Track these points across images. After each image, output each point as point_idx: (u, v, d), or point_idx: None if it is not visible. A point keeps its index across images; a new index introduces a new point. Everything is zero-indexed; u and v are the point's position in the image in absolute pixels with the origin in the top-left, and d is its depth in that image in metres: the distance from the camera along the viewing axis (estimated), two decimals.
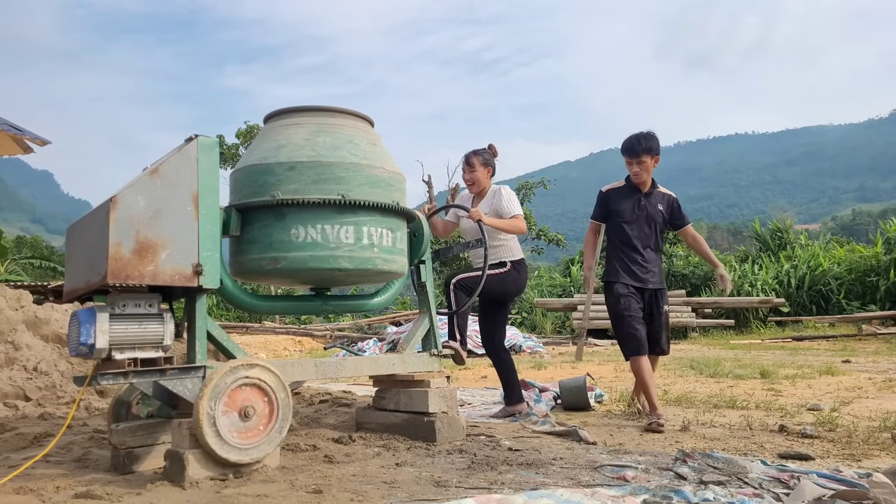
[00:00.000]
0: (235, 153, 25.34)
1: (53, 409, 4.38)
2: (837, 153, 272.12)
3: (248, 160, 3.22)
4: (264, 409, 2.71)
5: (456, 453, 3.14)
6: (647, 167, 4.22)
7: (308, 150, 3.12)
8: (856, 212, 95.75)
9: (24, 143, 8.86)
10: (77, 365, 5.01)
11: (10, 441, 3.44)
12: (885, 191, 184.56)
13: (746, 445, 3.29)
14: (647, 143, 4.20)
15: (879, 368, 6.89)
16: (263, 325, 16.61)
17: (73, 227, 2.87)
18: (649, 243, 4.29)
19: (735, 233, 61.20)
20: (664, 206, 4.34)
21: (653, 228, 4.28)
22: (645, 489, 2.40)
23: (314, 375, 3.26)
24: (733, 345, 11.22)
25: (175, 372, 2.66)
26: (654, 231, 4.29)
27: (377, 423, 3.66)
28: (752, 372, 6.55)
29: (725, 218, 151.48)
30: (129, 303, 2.61)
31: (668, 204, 4.37)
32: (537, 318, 18.05)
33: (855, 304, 15.08)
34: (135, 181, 2.60)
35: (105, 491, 2.40)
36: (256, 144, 3.29)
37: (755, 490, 2.36)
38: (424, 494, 2.38)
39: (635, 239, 4.25)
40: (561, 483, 2.56)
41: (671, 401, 4.87)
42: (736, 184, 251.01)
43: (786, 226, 20.52)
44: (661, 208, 4.32)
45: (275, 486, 2.49)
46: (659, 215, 4.31)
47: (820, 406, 4.33)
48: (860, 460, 2.93)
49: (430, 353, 3.65)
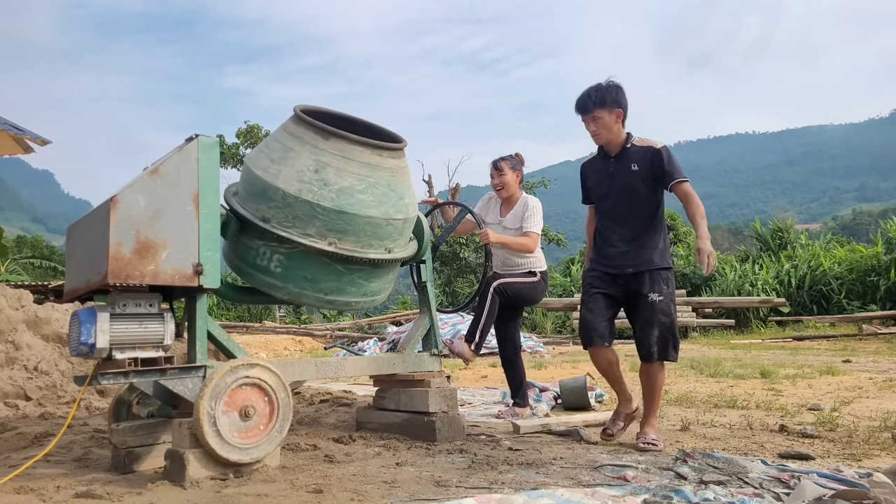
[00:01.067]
0: (236, 153, 25.36)
1: (54, 409, 4.38)
2: (838, 153, 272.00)
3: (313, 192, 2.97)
4: (265, 408, 2.71)
5: (456, 453, 3.14)
6: (605, 124, 3.42)
7: (374, 210, 3.07)
8: (856, 211, 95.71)
9: (24, 142, 8.86)
10: (77, 364, 5.01)
11: (11, 440, 3.44)
12: (885, 191, 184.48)
13: (747, 445, 3.29)
14: (601, 95, 3.40)
15: (880, 368, 6.89)
16: (264, 325, 16.62)
17: (73, 227, 2.87)
18: (626, 217, 3.47)
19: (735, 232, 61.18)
20: (641, 164, 3.41)
21: (629, 197, 3.45)
22: (645, 489, 2.40)
23: (314, 375, 3.26)
24: (734, 344, 11.22)
25: (175, 371, 2.66)
26: (630, 201, 3.45)
27: (377, 423, 3.66)
28: (752, 372, 6.54)
29: (726, 218, 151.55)
30: (130, 302, 2.61)
31: (644, 159, 3.41)
32: (538, 318, 18.05)
33: (855, 304, 15.06)
34: (135, 181, 2.60)
35: (105, 490, 2.40)
36: (317, 166, 3.00)
37: (755, 490, 2.36)
38: (425, 494, 2.38)
39: (608, 215, 3.55)
40: (561, 483, 2.56)
41: (671, 401, 4.87)
42: (736, 183, 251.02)
43: (786, 225, 20.50)
44: (637, 167, 3.42)
45: (275, 486, 2.49)
46: (634, 178, 3.42)
47: (820, 406, 4.33)
48: (860, 460, 2.93)
49: (430, 353, 3.65)
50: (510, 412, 4.33)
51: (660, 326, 3.35)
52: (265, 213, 3.01)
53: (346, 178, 3.00)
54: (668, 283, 3.41)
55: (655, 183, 3.40)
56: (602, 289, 3.49)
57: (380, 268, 3.26)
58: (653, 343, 3.34)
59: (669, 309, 3.37)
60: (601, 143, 3.52)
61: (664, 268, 3.42)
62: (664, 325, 3.35)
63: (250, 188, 3.10)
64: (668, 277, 3.43)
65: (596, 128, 3.45)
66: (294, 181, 2.97)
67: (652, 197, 3.43)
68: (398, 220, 3.20)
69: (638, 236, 3.43)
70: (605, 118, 3.41)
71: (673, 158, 3.39)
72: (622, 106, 3.42)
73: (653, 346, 3.35)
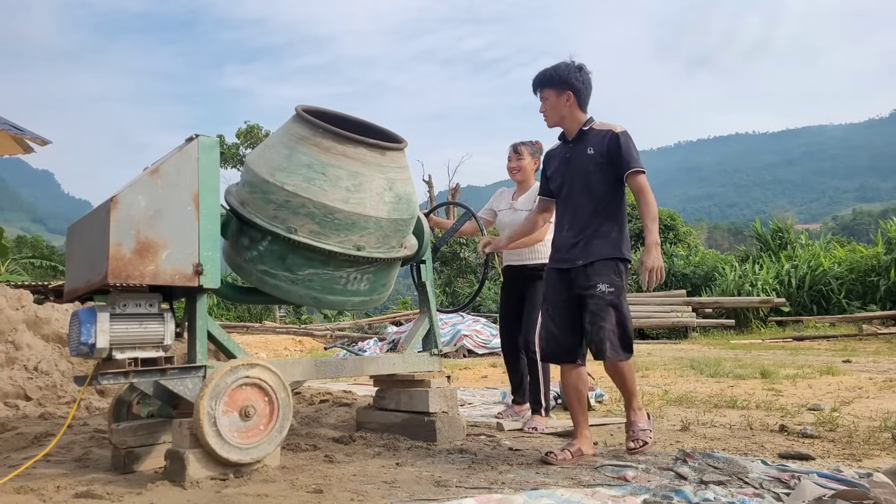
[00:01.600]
0: (236, 153, 25.36)
1: (54, 409, 4.38)
2: (838, 153, 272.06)
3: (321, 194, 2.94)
4: (265, 408, 2.71)
5: (456, 453, 3.14)
6: (552, 105, 3.20)
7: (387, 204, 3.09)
8: (856, 211, 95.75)
9: (24, 142, 8.86)
10: (78, 364, 5.01)
11: (11, 440, 3.44)
12: (885, 191, 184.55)
13: (747, 445, 3.29)
14: (548, 74, 3.20)
15: (880, 368, 6.88)
16: (264, 325, 16.61)
17: (73, 227, 2.87)
18: (579, 204, 3.19)
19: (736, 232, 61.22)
20: (597, 148, 3.14)
21: (582, 183, 3.18)
22: (645, 489, 2.40)
23: (315, 375, 3.26)
24: (734, 345, 11.22)
25: (175, 372, 2.66)
26: (584, 187, 3.17)
27: (378, 423, 3.66)
28: (752, 372, 6.54)
29: (726, 218, 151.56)
30: (130, 302, 2.61)
31: (601, 143, 3.14)
32: None
33: (855, 304, 15.06)
34: (135, 181, 2.60)
35: (105, 490, 2.40)
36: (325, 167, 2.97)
37: (756, 490, 2.36)
38: (425, 494, 2.38)
39: (563, 203, 3.29)
40: (561, 483, 2.56)
41: (672, 401, 4.87)
42: (736, 183, 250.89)
43: (786, 225, 20.50)
44: (592, 151, 3.15)
45: (275, 486, 2.50)
46: (589, 162, 3.15)
47: (820, 406, 4.33)
48: (861, 460, 2.93)
49: (430, 353, 3.65)
50: (511, 412, 4.33)
51: (610, 321, 3.03)
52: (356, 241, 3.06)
53: (346, 178, 2.99)
54: (621, 276, 3.11)
55: (612, 168, 3.12)
56: (562, 293, 3.20)
57: (378, 266, 3.26)
58: (603, 339, 3.03)
59: (620, 302, 3.07)
60: (551, 126, 3.29)
61: (617, 258, 3.11)
62: (615, 319, 3.05)
63: (383, 234, 3.15)
64: (621, 270, 3.12)
65: (544, 108, 3.24)
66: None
67: (608, 183, 3.14)
68: (402, 220, 3.20)
69: (591, 225, 3.14)
70: (552, 99, 3.20)
71: (631, 145, 3.12)
72: (574, 88, 3.16)
73: (603, 342, 3.03)
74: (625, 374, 3.16)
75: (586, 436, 3.16)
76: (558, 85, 3.18)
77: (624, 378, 3.17)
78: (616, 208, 3.18)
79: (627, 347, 3.10)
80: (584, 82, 3.19)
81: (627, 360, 3.13)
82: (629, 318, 3.13)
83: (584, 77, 3.20)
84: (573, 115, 3.21)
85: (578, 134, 3.23)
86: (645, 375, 6.81)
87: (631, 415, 3.21)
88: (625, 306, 3.11)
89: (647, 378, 6.55)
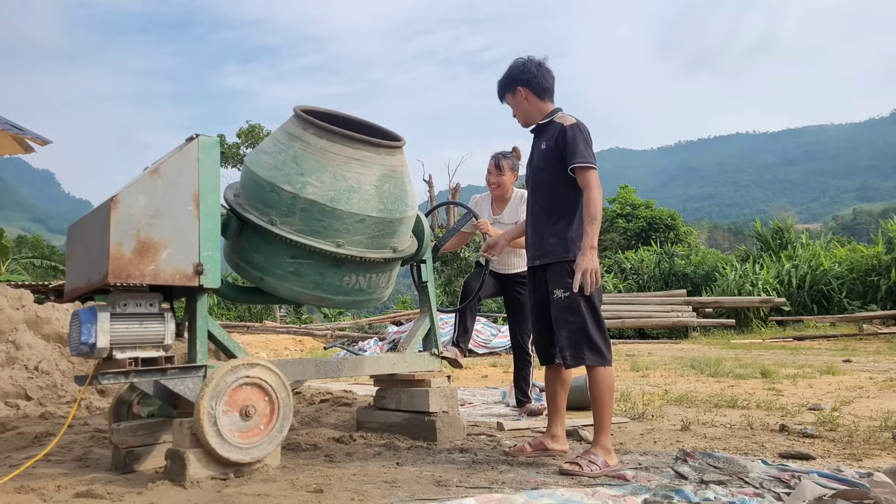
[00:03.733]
0: (236, 153, 25.36)
1: (54, 409, 4.38)
2: (838, 153, 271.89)
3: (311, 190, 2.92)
4: (265, 408, 2.71)
5: (457, 453, 3.15)
6: (515, 106, 3.15)
7: (376, 203, 3.04)
8: (857, 211, 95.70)
9: (25, 142, 8.86)
10: (78, 364, 5.01)
11: (12, 440, 3.45)
12: (885, 190, 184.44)
13: (747, 445, 3.29)
14: (501, 84, 3.16)
15: (880, 368, 6.89)
16: (264, 325, 16.62)
17: (74, 227, 2.87)
18: (535, 201, 3.11)
19: (736, 232, 61.19)
20: (549, 142, 3.03)
21: (537, 178, 3.10)
22: (645, 488, 2.40)
23: (315, 375, 3.26)
24: (734, 344, 11.21)
25: (176, 371, 2.66)
26: (539, 182, 3.08)
27: (378, 423, 3.67)
28: (752, 371, 6.55)
29: (726, 217, 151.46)
30: (130, 302, 2.61)
31: (552, 136, 3.02)
32: None
33: (856, 304, 15.06)
34: (136, 181, 2.60)
35: (106, 490, 2.40)
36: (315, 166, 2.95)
37: (756, 489, 2.36)
38: (425, 494, 2.38)
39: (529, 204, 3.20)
40: (561, 482, 2.56)
41: (672, 401, 4.87)
42: (737, 183, 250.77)
43: (787, 225, 20.51)
44: (545, 146, 3.05)
45: (276, 486, 2.50)
46: (542, 157, 3.06)
47: (821, 406, 4.33)
48: (861, 460, 2.93)
49: (430, 353, 3.65)
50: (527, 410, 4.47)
51: (568, 327, 2.87)
52: None
53: (334, 175, 2.98)
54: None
55: (563, 163, 2.94)
56: (532, 294, 3.14)
57: (378, 265, 3.25)
58: (563, 346, 2.89)
59: (577, 306, 2.85)
60: (525, 126, 3.19)
61: (569, 260, 2.91)
62: (572, 325, 2.86)
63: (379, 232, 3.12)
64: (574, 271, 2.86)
65: (513, 113, 3.18)
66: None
67: (559, 178, 2.96)
68: (394, 219, 3.19)
69: (545, 224, 3.01)
70: (512, 101, 3.14)
71: (579, 138, 2.92)
72: (523, 80, 3.07)
73: (564, 350, 2.89)
74: (597, 383, 2.87)
75: (555, 434, 3.06)
76: (509, 86, 3.12)
77: (595, 389, 2.88)
78: (571, 205, 2.98)
79: (595, 351, 2.85)
80: (533, 72, 3.07)
81: (600, 365, 2.85)
82: (594, 320, 2.88)
83: (531, 67, 3.08)
84: (536, 108, 3.12)
85: (537, 128, 3.15)
86: (645, 375, 6.81)
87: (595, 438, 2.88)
88: (584, 309, 2.86)
89: (648, 378, 6.55)
